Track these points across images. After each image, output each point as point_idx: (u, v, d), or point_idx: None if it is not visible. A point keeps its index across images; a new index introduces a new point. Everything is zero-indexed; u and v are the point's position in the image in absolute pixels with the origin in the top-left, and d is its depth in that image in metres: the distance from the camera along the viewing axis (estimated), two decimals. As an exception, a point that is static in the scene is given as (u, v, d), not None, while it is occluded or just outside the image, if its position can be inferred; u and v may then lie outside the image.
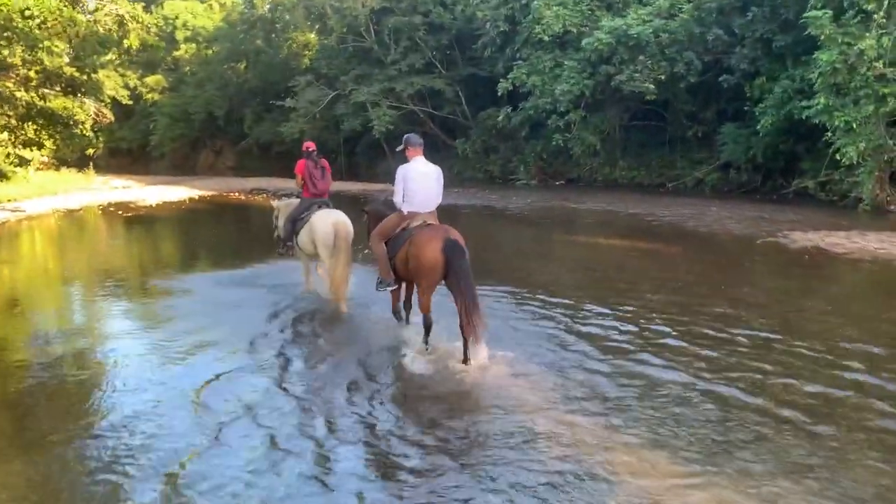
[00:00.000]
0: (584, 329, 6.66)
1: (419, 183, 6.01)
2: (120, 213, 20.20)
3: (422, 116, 33.69)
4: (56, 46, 16.58)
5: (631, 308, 7.31)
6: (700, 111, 25.08)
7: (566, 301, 7.73)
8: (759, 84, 20.67)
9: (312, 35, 41.20)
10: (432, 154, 7.43)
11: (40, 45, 15.52)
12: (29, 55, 16.25)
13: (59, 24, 16.34)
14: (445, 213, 6.66)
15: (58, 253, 13.75)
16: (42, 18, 15.72)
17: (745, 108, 21.86)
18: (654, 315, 7.01)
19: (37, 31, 15.71)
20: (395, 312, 6.69)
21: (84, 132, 21.29)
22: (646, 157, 27.34)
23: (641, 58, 22.51)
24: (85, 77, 17.98)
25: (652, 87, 22.61)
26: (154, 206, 22.69)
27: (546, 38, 24.65)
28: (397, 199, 6.07)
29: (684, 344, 6.18)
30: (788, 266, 10.26)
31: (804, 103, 17.59)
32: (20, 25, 15.21)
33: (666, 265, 10.21)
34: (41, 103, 18.12)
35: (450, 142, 33.92)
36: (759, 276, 9.32)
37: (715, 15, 22.42)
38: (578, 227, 16.04)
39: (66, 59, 18.85)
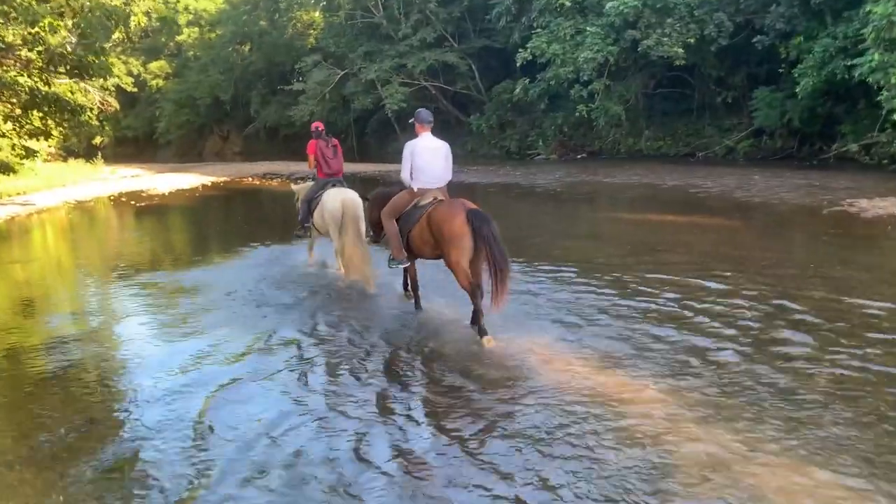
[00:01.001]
0: (697, 307, 5.93)
1: (426, 158, 5.94)
2: (133, 203, 19.43)
3: (434, 92, 32.66)
4: (59, 24, 15.54)
5: (723, 290, 6.47)
6: (728, 76, 23.96)
7: (646, 276, 6.98)
8: (797, 44, 19.56)
9: (317, 13, 40.09)
10: (445, 132, 6.99)
11: (41, 23, 14.49)
12: (29, 33, 15.24)
13: (60, -5, 15.32)
14: (470, 192, 6.02)
15: (73, 248, 12.97)
16: (41, -9, 14.77)
17: (780, 70, 20.80)
18: (753, 300, 6.16)
19: (35, 6, 14.70)
20: (411, 290, 6.50)
21: (90, 120, 20.41)
22: (671, 126, 26.28)
23: (670, 20, 21.42)
24: (92, 57, 16.94)
25: (681, 51, 21.57)
26: (166, 194, 21.92)
27: (567, 4, 23.56)
28: (405, 175, 6.02)
29: (813, 319, 5.43)
30: (873, 239, 9.35)
31: (851, 62, 16.54)
32: (17, 0, 14.25)
33: (735, 242, 9.32)
34: (46, 88, 17.17)
35: (463, 118, 32.90)
36: (847, 251, 8.41)
37: (746, -28, 21.27)
38: (619, 202, 15.10)
39: (72, 39, 17.81)
